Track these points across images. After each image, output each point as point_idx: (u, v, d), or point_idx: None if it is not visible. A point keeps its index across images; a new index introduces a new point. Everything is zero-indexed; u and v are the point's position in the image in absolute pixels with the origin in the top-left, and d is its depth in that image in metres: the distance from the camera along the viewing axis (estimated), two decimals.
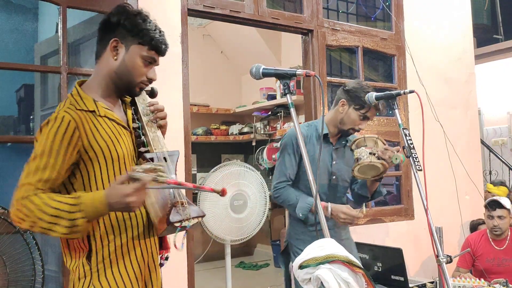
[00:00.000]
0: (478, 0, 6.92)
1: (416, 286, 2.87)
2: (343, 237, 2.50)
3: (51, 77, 3.11)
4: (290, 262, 2.48)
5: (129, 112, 1.57)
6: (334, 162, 2.46)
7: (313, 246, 1.41)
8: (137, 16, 1.47)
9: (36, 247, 2.40)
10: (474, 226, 4.07)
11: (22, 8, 3.26)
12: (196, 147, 5.11)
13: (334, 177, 2.46)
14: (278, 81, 4.92)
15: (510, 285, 2.75)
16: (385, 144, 2.29)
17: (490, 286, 2.74)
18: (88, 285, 1.40)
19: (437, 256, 1.90)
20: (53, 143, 1.34)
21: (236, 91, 6.59)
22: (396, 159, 2.22)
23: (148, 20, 1.48)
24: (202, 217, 1.53)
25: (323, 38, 3.53)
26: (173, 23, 2.85)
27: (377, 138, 2.29)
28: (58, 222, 1.29)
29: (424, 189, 2.02)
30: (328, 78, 3.55)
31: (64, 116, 1.37)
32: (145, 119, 1.54)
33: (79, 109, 1.42)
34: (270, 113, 5.62)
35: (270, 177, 5.03)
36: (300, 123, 2.01)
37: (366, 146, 2.28)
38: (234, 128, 6.10)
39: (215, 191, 1.40)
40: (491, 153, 6.17)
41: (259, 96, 5.79)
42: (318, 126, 2.47)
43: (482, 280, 2.85)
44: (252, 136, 5.85)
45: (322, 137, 2.40)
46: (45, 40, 3.23)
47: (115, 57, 1.47)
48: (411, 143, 2.05)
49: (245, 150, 6.30)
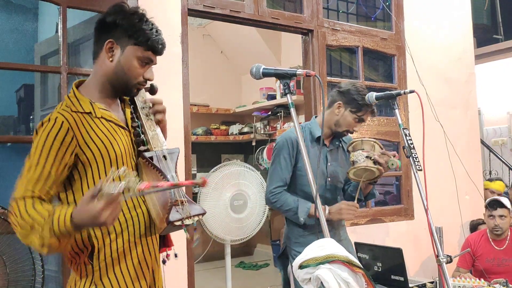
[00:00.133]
0: (478, 0, 6.92)
1: (416, 286, 2.86)
2: (342, 237, 2.50)
3: (51, 77, 3.11)
4: (289, 265, 2.45)
5: (128, 111, 1.56)
6: (329, 164, 2.44)
7: (313, 246, 1.41)
8: (134, 16, 1.45)
9: None
10: (474, 226, 4.08)
11: (22, 8, 3.26)
12: (196, 147, 5.10)
13: (330, 179, 2.45)
14: (278, 81, 4.92)
15: (510, 285, 2.75)
16: (382, 149, 2.28)
17: (490, 286, 2.73)
18: (90, 284, 1.40)
19: (437, 256, 1.90)
20: (45, 144, 1.34)
21: (236, 91, 6.58)
22: (392, 164, 2.22)
23: (145, 19, 1.46)
24: (202, 215, 1.53)
25: (323, 38, 3.53)
26: (173, 23, 2.85)
27: (375, 142, 2.29)
28: (31, 234, 1.26)
29: (424, 189, 2.02)
30: (328, 78, 3.55)
31: (57, 118, 1.37)
32: (144, 118, 1.53)
33: (74, 111, 1.41)
34: (270, 113, 5.61)
35: None
36: (300, 123, 2.00)
37: (363, 149, 2.27)
38: (234, 128, 6.09)
39: (196, 183, 1.36)
40: (491, 153, 6.17)
41: (259, 96, 5.78)
42: (311, 128, 2.44)
43: (482, 280, 2.85)
44: (252, 136, 5.83)
45: (317, 139, 2.42)
46: (45, 40, 3.23)
47: (110, 59, 1.45)
48: (411, 143, 2.05)
49: (245, 150, 6.29)
